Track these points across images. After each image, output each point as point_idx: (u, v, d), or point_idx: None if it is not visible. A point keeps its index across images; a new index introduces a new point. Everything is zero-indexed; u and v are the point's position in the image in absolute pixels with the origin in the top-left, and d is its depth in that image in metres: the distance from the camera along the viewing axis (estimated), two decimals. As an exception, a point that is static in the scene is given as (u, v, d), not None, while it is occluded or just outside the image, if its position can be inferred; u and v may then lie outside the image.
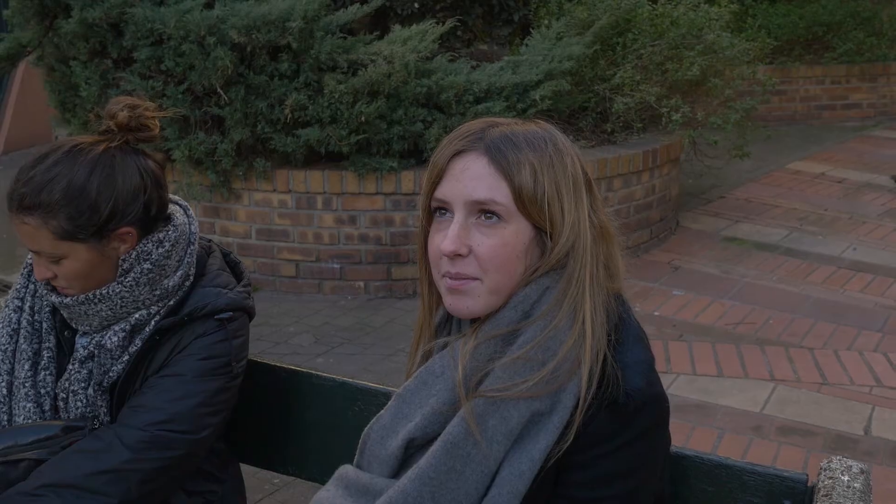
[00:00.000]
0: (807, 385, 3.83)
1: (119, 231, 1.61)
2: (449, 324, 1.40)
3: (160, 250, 1.65)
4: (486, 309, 1.28)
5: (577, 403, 1.22)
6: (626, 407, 1.23)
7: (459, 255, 1.26)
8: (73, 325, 1.69)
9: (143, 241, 1.64)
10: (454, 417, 1.24)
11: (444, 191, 1.29)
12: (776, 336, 4.32)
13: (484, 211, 1.26)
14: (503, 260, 1.26)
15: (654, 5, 5.79)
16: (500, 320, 1.27)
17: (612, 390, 1.23)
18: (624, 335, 1.29)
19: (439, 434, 1.25)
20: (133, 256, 1.63)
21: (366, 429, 1.36)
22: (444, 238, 1.27)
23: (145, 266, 1.63)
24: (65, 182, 1.56)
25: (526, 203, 1.25)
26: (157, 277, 1.65)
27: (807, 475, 1.39)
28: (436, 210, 1.32)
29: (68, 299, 1.64)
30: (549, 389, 1.21)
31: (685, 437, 3.41)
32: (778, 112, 8.78)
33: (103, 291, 1.62)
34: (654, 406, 1.27)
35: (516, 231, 1.26)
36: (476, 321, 1.31)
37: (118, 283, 1.62)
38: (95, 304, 1.62)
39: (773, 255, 5.45)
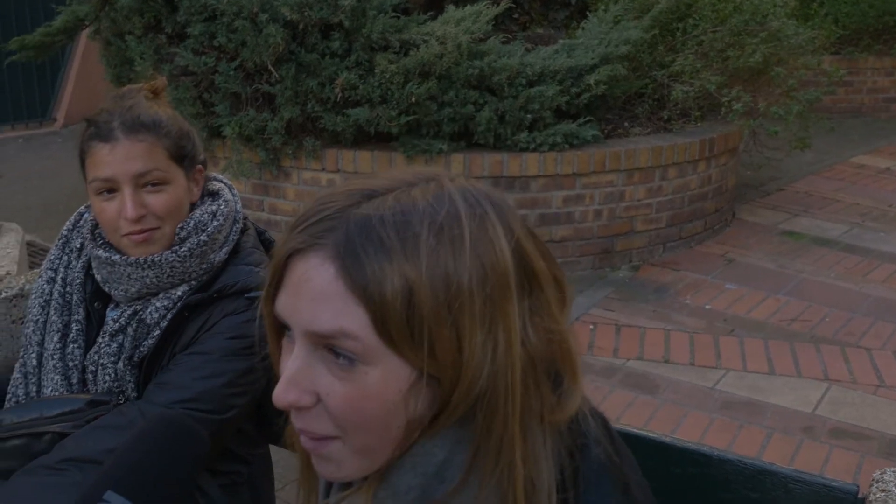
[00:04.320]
0: (862, 386, 3.70)
1: (196, 167, 1.67)
2: None
3: (215, 223, 1.65)
4: (359, 473, 0.89)
5: None
6: None
7: (303, 406, 0.85)
8: (106, 290, 1.66)
9: (200, 212, 1.65)
10: None
11: (282, 306, 0.86)
12: (832, 334, 4.18)
13: (333, 347, 0.84)
14: (365, 417, 0.84)
15: (717, -10, 5.62)
16: (396, 486, 0.87)
17: None
18: (583, 480, 0.89)
19: None
20: (191, 226, 1.63)
21: None
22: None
23: (202, 238, 1.62)
24: (160, 111, 1.62)
25: (393, 336, 0.81)
26: (208, 250, 1.64)
27: (857, 486, 1.31)
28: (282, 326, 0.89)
29: (117, 257, 1.61)
30: None
31: (732, 435, 3.31)
32: (843, 104, 8.52)
33: (155, 258, 1.60)
34: None
35: (384, 375, 0.83)
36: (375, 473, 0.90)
37: (172, 252, 1.61)
38: (143, 268, 1.60)
39: (832, 250, 5.27)
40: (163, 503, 1.06)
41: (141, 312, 1.64)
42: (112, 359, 1.63)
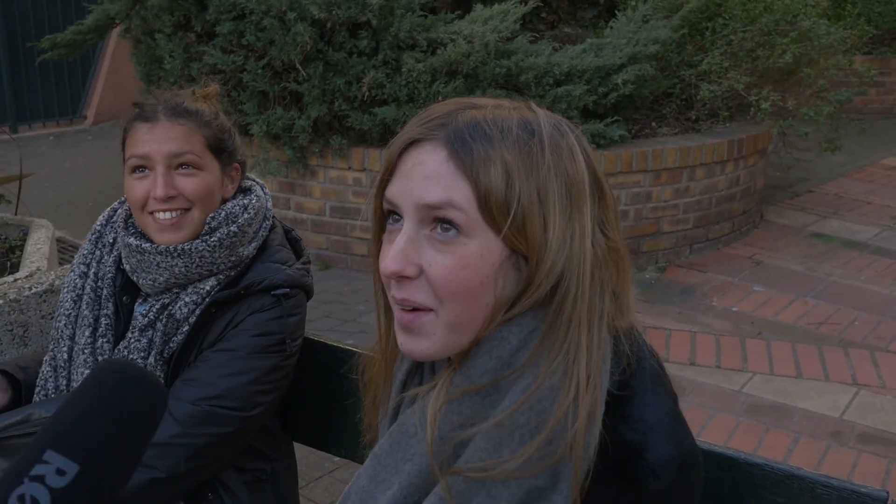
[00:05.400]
0: (892, 391, 3.65)
1: (233, 164, 1.72)
2: (420, 368, 1.11)
3: (246, 216, 1.67)
4: (445, 350, 1.01)
5: (583, 481, 0.96)
6: (653, 486, 0.97)
7: (406, 276, 0.98)
8: (135, 280, 1.67)
9: (231, 204, 1.68)
10: (430, 495, 0.99)
11: (393, 191, 1.00)
12: (861, 338, 4.12)
13: (440, 220, 0.97)
14: (462, 286, 0.97)
15: (747, -11, 5.57)
16: (472, 370, 0.98)
17: (632, 466, 0.97)
18: (639, 384, 1.01)
19: None
20: (222, 216, 1.65)
21: (347, 488, 1.12)
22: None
23: (232, 228, 1.64)
24: (205, 106, 1.70)
25: (494, 211, 0.95)
26: (238, 242, 1.65)
27: (887, 492, 1.29)
28: (389, 214, 1.03)
29: (148, 245, 1.62)
30: (542, 466, 0.94)
31: (758, 439, 3.28)
32: (875, 104, 8.42)
33: (185, 247, 1.62)
34: (688, 470, 1.01)
35: (481, 248, 0.96)
36: (449, 365, 1.03)
37: (202, 241, 1.63)
38: (173, 257, 1.62)
39: (862, 253, 5.21)
40: (114, 464, 0.92)
41: (170, 307, 1.65)
42: (142, 354, 1.64)
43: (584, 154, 1.01)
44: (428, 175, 0.97)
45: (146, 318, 1.65)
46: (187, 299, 1.64)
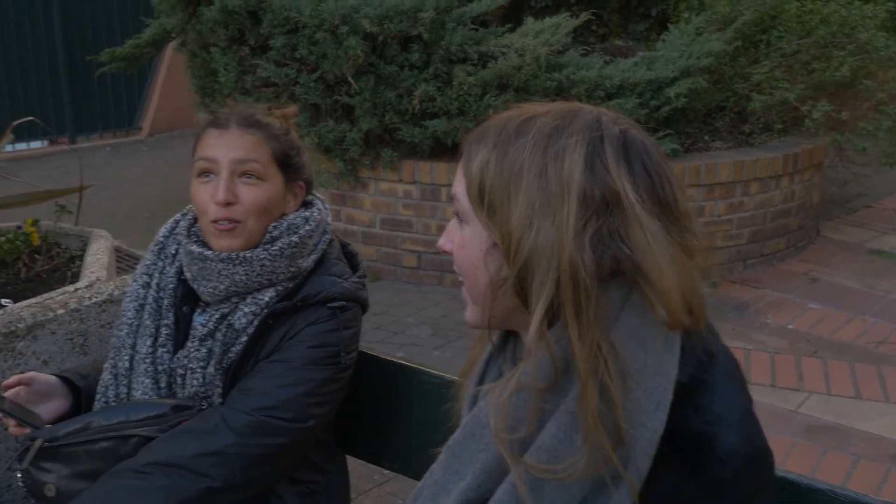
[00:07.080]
0: (955, 414, 3.54)
1: (298, 182, 1.74)
2: (498, 362, 1.19)
3: (307, 227, 1.70)
4: (478, 320, 1.12)
5: (651, 467, 0.98)
6: (719, 475, 0.98)
7: (447, 251, 1.17)
8: (195, 287, 1.69)
9: (293, 215, 1.71)
10: (504, 482, 1.03)
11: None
12: (922, 358, 4.02)
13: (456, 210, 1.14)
14: (463, 263, 1.11)
15: (802, 1, 5.48)
16: (538, 370, 1.02)
17: (699, 453, 0.99)
18: (711, 378, 1.03)
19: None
20: (284, 226, 1.67)
21: (420, 483, 1.17)
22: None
23: (293, 238, 1.66)
24: (279, 122, 1.73)
25: (475, 202, 1.07)
26: (298, 253, 1.67)
27: (959, 520, 1.24)
28: None
29: (209, 252, 1.65)
30: (607, 463, 0.97)
31: (816, 461, 3.20)
32: (935, 118, 8.21)
33: (247, 255, 1.63)
34: (757, 467, 1.02)
35: (472, 234, 1.08)
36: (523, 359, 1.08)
37: (263, 250, 1.64)
38: (234, 265, 1.63)
39: (922, 271, 5.08)
40: None
41: (229, 317, 1.66)
42: (201, 364, 1.66)
43: (591, 159, 1.00)
44: (458, 174, 1.12)
45: (206, 328, 1.67)
46: (246, 310, 1.65)
